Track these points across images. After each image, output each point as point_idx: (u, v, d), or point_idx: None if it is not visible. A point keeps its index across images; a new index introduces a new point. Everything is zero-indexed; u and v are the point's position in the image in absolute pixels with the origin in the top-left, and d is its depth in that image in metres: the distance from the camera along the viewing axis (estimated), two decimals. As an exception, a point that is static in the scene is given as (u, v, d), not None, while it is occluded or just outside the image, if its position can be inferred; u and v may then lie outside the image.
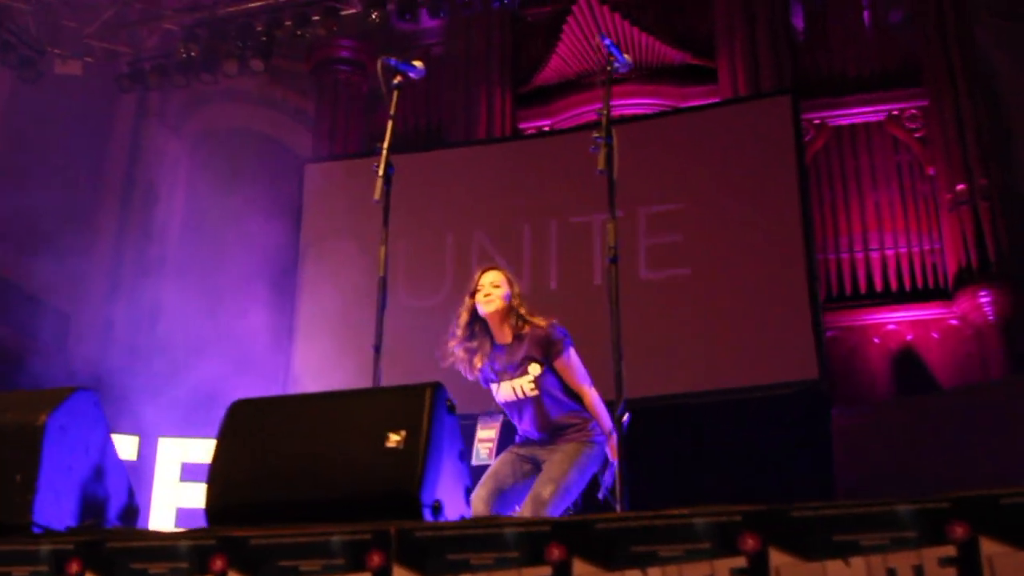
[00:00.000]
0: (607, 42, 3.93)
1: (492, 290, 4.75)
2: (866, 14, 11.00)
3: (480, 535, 2.30)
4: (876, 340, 10.03)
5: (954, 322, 9.86)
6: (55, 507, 2.92)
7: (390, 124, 4.30)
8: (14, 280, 10.80)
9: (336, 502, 2.67)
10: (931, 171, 10.35)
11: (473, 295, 4.72)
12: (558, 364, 4.69)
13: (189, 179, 13.16)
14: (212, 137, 13.47)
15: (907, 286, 10.07)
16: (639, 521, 2.24)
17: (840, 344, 9.98)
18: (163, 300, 12.26)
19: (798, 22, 11.21)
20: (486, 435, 4.76)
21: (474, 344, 4.80)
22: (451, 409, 2.86)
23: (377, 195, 4.09)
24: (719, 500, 2.32)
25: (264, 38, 10.04)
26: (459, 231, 10.05)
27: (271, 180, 12.34)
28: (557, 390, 4.71)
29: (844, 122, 10.68)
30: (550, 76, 11.39)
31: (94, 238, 11.91)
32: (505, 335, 4.76)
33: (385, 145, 4.23)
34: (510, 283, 4.82)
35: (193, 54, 10.39)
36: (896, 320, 10.02)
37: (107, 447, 3.25)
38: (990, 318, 9.56)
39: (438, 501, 2.70)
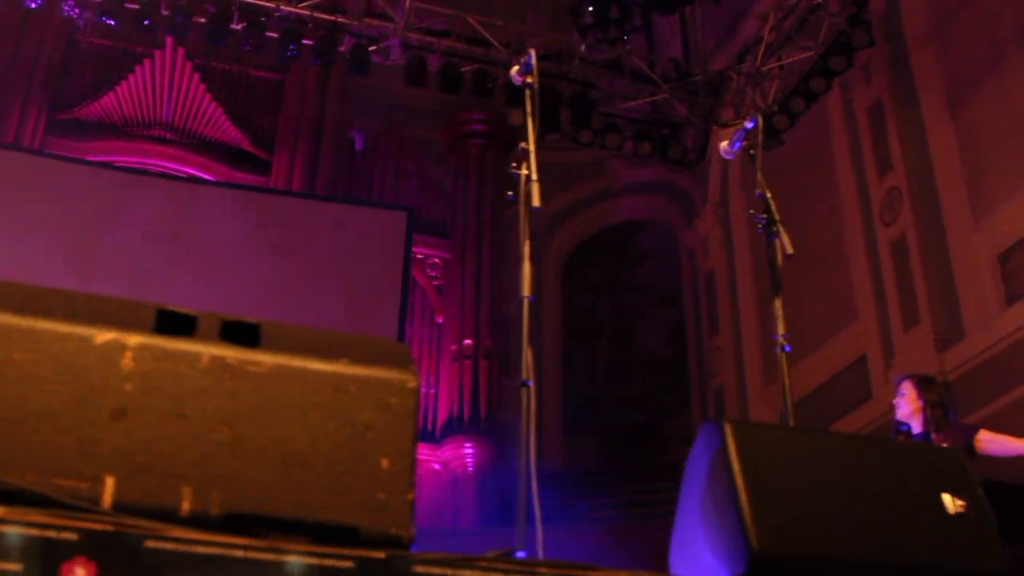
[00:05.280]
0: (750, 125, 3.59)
1: None
2: (415, 159, 11.51)
3: None
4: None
5: (437, 466, 10.28)
6: None
7: (529, 124, 3.31)
8: None
9: (908, 570, 2.19)
10: (440, 319, 10.90)
11: None
12: None
13: None
14: None
15: (396, 422, 10.31)
16: None
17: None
18: None
19: (358, 143, 11.45)
20: None
21: None
22: None
23: (537, 201, 3.08)
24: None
25: None
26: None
27: None
28: None
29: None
30: (95, 112, 10.41)
31: None
32: None
33: (531, 148, 3.20)
34: None
35: None
36: (381, 453, 10.17)
37: None
38: (470, 469, 10.11)
39: None
